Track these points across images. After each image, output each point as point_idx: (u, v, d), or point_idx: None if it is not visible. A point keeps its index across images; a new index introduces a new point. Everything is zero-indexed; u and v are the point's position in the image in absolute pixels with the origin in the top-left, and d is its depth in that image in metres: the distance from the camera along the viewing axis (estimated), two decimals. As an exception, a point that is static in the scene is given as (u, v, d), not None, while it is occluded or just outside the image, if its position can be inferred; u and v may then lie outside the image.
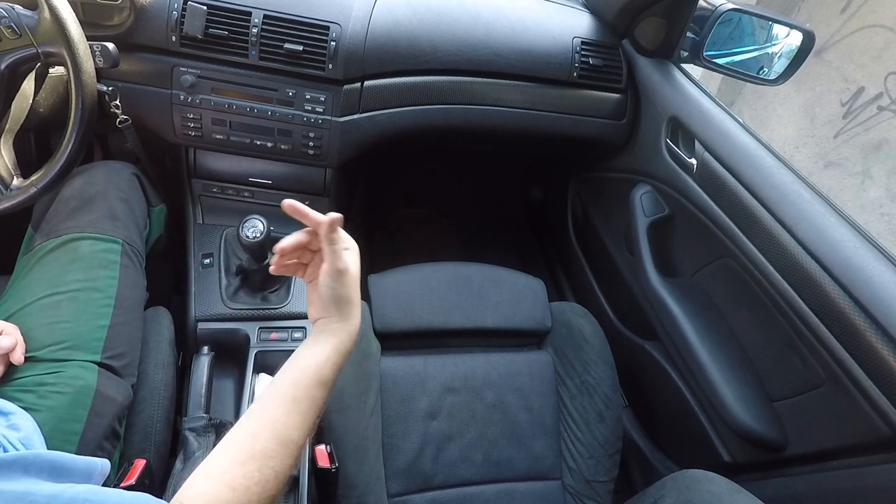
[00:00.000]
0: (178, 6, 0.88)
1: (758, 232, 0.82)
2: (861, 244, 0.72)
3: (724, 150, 0.91)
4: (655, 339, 1.10)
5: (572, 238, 1.49)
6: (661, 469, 1.08)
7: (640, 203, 1.10)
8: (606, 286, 1.35)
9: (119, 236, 0.81)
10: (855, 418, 0.70)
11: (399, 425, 0.87)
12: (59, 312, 0.70)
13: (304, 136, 0.97)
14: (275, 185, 1.06)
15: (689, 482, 0.72)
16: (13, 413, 0.59)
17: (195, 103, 0.93)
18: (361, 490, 0.77)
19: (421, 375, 0.91)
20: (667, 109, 1.05)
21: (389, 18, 0.99)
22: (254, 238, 0.85)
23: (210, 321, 0.92)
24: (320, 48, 0.92)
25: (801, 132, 2.56)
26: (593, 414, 0.93)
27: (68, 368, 0.66)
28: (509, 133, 1.14)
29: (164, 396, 0.79)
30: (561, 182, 1.54)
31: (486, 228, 1.79)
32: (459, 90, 1.05)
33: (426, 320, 0.96)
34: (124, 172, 0.90)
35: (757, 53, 1.08)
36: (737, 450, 0.92)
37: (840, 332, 0.70)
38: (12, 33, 0.70)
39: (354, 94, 0.97)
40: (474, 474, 0.88)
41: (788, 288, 0.77)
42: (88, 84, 0.71)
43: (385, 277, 1.00)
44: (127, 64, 0.88)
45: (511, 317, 1.01)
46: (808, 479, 0.80)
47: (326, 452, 0.74)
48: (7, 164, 0.75)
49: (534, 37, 1.07)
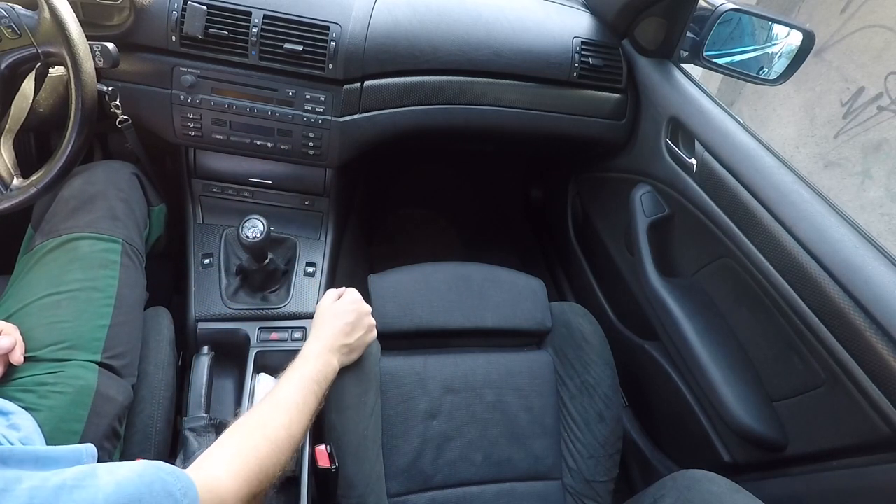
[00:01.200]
0: (178, 6, 0.88)
1: (758, 232, 0.82)
2: (861, 244, 0.72)
3: (724, 150, 0.91)
4: (655, 339, 1.10)
5: (572, 238, 1.49)
6: (661, 469, 1.08)
7: (640, 203, 1.10)
8: (606, 286, 1.35)
9: (119, 236, 0.81)
10: (855, 418, 0.70)
11: (399, 425, 0.87)
12: (59, 312, 0.70)
13: (304, 136, 0.97)
14: (275, 185, 1.06)
15: (689, 482, 0.72)
16: (13, 413, 0.58)
17: (195, 103, 0.93)
18: (361, 490, 0.77)
19: (421, 375, 0.91)
20: (667, 109, 1.05)
21: (389, 18, 0.99)
22: (254, 238, 0.85)
23: (210, 321, 0.92)
24: (320, 48, 0.92)
25: (801, 132, 2.56)
26: (593, 414, 0.93)
27: (68, 368, 0.66)
28: (509, 133, 1.14)
29: (164, 396, 0.79)
30: (561, 182, 1.54)
31: (486, 228, 1.79)
32: (459, 90, 1.05)
33: (426, 320, 0.96)
34: (124, 172, 0.90)
35: (757, 53, 1.08)
36: (737, 450, 0.92)
37: (840, 332, 0.70)
38: (12, 33, 0.70)
39: (354, 94, 0.97)
40: (474, 474, 0.88)
41: (788, 288, 0.77)
42: (88, 84, 0.71)
43: (385, 277, 1.00)
44: (127, 64, 0.88)
45: (511, 317, 1.01)
46: (808, 479, 0.80)
47: (326, 452, 0.74)
48: (7, 164, 0.75)
49: (534, 37, 1.07)
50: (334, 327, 0.78)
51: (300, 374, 0.70)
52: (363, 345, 0.82)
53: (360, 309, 0.83)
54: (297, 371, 0.71)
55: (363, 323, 0.82)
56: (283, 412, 0.64)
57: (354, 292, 0.86)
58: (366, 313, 0.83)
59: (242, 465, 0.54)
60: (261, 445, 0.58)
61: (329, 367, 0.74)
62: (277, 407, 0.64)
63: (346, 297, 0.84)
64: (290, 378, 0.70)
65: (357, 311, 0.82)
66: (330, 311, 0.81)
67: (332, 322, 0.79)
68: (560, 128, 1.14)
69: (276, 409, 0.64)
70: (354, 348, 0.80)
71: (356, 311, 0.82)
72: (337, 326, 0.78)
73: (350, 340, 0.79)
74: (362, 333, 0.81)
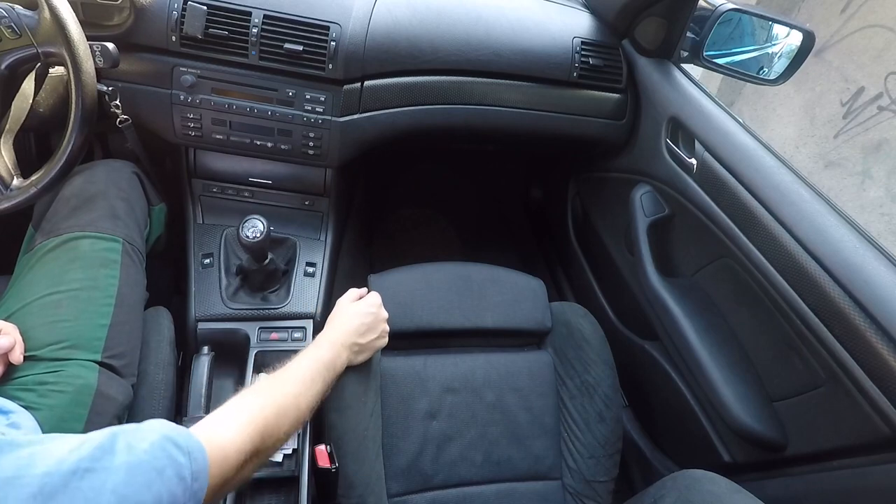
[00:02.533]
0: (178, 6, 0.88)
1: (758, 232, 0.82)
2: (861, 244, 0.72)
3: (724, 150, 0.91)
4: (655, 339, 1.10)
5: (572, 238, 1.49)
6: (661, 469, 1.08)
7: (640, 203, 1.10)
8: (606, 286, 1.35)
9: (119, 235, 0.81)
10: (855, 418, 0.70)
11: (399, 425, 0.87)
12: (59, 311, 0.70)
13: (304, 136, 0.97)
14: (275, 185, 1.06)
15: (689, 482, 0.72)
16: (14, 412, 0.59)
17: (195, 103, 0.93)
18: (361, 490, 0.77)
19: (421, 375, 0.91)
20: (667, 109, 1.05)
21: (389, 18, 0.99)
22: (254, 238, 0.85)
23: (210, 321, 0.92)
24: (320, 48, 0.92)
25: (801, 132, 2.56)
26: (593, 414, 0.93)
27: (69, 367, 0.67)
28: (509, 133, 1.14)
29: (164, 396, 0.79)
30: (561, 182, 1.54)
31: (486, 228, 1.79)
32: (459, 90, 1.05)
33: (426, 320, 0.96)
34: (124, 172, 0.90)
35: (757, 53, 1.08)
36: (737, 450, 0.92)
37: (840, 332, 0.70)
38: (12, 33, 0.70)
39: (354, 94, 0.97)
40: (474, 474, 0.88)
41: (788, 288, 0.77)
42: (88, 84, 0.71)
43: (385, 277, 1.00)
44: (127, 64, 0.88)
45: (511, 317, 1.01)
46: (808, 479, 0.80)
47: (326, 452, 0.74)
48: (7, 164, 0.75)
49: (534, 37, 1.07)
50: (350, 324, 0.79)
51: (312, 356, 0.72)
52: (373, 349, 0.82)
53: (378, 314, 0.84)
54: (308, 353, 0.72)
55: (378, 328, 0.83)
56: (290, 383, 0.65)
57: (376, 296, 0.87)
58: (383, 319, 0.85)
59: (248, 421, 0.55)
60: (267, 405, 0.59)
61: (339, 359, 0.76)
62: (286, 378, 0.66)
63: (368, 300, 0.86)
64: (302, 357, 0.71)
65: (375, 315, 0.83)
66: (350, 308, 0.82)
67: (349, 319, 0.80)
68: (560, 128, 1.14)
69: (285, 379, 0.66)
70: (364, 349, 0.81)
71: (375, 314, 0.83)
72: (353, 324, 0.80)
73: (362, 340, 0.80)
74: (374, 337, 0.82)
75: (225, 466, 0.49)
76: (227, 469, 0.50)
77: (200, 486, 0.44)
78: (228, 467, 0.50)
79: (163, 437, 0.43)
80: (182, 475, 0.43)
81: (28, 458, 0.37)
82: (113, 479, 0.39)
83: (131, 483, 0.39)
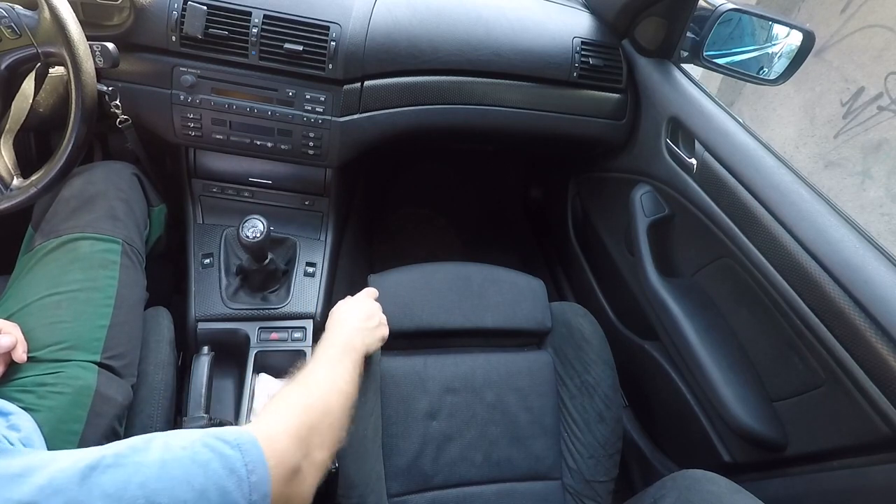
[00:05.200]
0: (178, 6, 0.88)
1: (758, 232, 0.82)
2: (861, 244, 0.72)
3: (724, 151, 0.91)
4: (655, 339, 1.10)
5: (572, 238, 1.49)
6: (661, 469, 1.08)
7: (640, 203, 1.10)
8: (606, 286, 1.35)
9: (119, 236, 0.81)
10: (855, 418, 0.70)
11: (399, 425, 0.87)
12: (58, 312, 0.70)
13: (304, 136, 0.97)
14: (275, 185, 1.06)
15: (689, 482, 0.72)
16: (13, 413, 0.58)
17: (195, 103, 0.93)
18: (361, 490, 0.77)
19: (421, 375, 0.91)
20: (667, 109, 1.05)
21: (389, 18, 0.99)
22: (254, 238, 0.85)
23: (210, 321, 0.92)
24: (320, 48, 0.92)
25: (801, 132, 2.56)
26: (593, 414, 0.93)
27: (68, 368, 0.66)
28: (509, 133, 1.14)
29: (164, 396, 0.79)
30: (561, 182, 1.54)
31: (486, 228, 1.79)
32: (459, 90, 1.05)
33: (426, 320, 0.96)
34: (124, 172, 0.90)
35: (757, 53, 1.08)
36: (737, 450, 0.92)
37: (840, 332, 0.70)
38: (12, 33, 0.70)
39: (354, 94, 0.97)
40: (474, 474, 0.88)
41: (788, 288, 0.77)
42: (88, 84, 0.71)
43: (385, 277, 1.00)
44: (127, 64, 0.88)
45: (511, 317, 1.01)
46: (808, 479, 0.80)
47: (326, 452, 0.74)
48: (7, 164, 0.75)
49: (534, 37, 1.07)
50: (349, 313, 0.79)
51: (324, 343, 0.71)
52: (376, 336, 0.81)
53: (369, 301, 0.85)
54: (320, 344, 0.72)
55: (375, 316, 0.82)
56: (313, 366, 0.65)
57: (368, 290, 0.88)
58: (376, 307, 0.85)
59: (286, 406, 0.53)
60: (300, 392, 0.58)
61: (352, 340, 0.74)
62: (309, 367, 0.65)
63: (359, 294, 0.86)
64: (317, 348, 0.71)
65: (366, 303, 0.84)
66: (343, 304, 0.82)
67: (346, 311, 0.80)
68: (560, 128, 1.14)
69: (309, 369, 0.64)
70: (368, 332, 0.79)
71: (365, 301, 0.84)
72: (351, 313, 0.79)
73: (366, 324, 0.79)
74: (375, 324, 0.81)
75: (284, 456, 0.46)
76: (286, 458, 0.46)
77: (260, 478, 0.42)
78: (287, 456, 0.46)
79: (205, 433, 0.42)
80: (233, 467, 0.40)
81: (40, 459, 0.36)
82: (143, 474, 0.37)
83: (164, 478, 0.37)
